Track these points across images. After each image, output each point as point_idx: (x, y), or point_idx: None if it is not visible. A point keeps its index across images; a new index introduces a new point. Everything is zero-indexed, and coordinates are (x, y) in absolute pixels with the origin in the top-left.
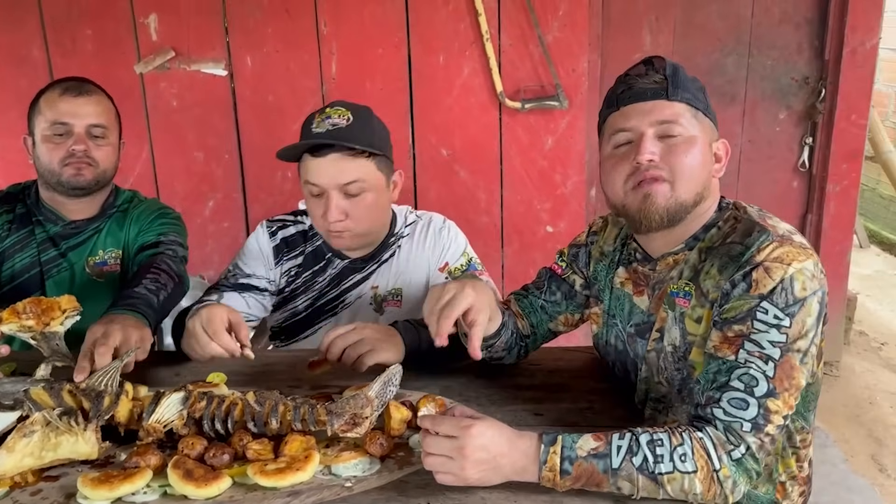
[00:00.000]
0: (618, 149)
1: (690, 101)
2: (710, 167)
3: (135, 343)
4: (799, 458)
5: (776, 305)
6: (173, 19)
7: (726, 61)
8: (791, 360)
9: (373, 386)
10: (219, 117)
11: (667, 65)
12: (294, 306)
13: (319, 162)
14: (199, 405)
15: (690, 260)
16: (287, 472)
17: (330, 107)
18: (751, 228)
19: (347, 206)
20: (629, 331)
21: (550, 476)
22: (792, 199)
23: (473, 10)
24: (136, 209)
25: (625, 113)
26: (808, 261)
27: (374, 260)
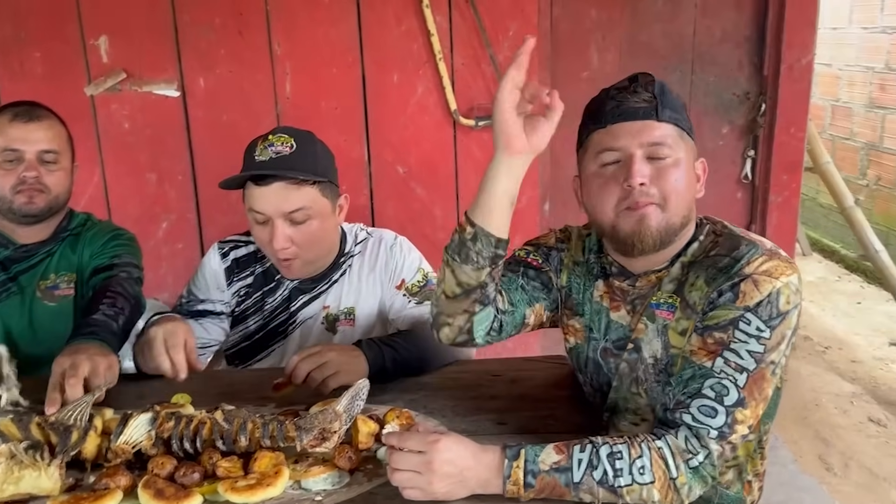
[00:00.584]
0: (605, 167)
1: (677, 122)
2: (695, 188)
3: (104, 371)
4: (763, 456)
5: (760, 317)
6: (124, 41)
7: (671, 78)
8: (764, 371)
9: (341, 401)
10: (171, 138)
11: (655, 83)
12: (245, 328)
13: (263, 191)
14: (167, 425)
15: (673, 274)
16: (258, 487)
17: (272, 134)
18: (738, 242)
19: (293, 234)
20: (606, 345)
21: (514, 490)
22: (736, 210)
23: (426, 31)
24: (90, 232)
25: (612, 132)
26: (794, 275)
27: (324, 280)
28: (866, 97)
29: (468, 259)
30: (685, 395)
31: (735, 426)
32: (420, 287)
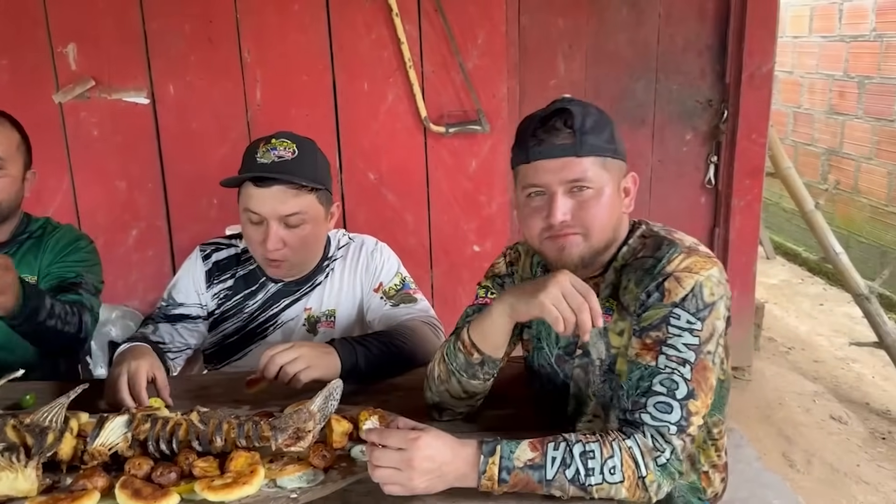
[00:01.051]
0: (530, 198)
1: (599, 153)
2: (620, 208)
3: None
4: (717, 447)
5: (688, 311)
6: (93, 49)
7: (636, 86)
8: (704, 361)
9: (315, 400)
10: (141, 146)
11: (576, 118)
12: (224, 329)
13: (262, 192)
14: (143, 427)
15: (608, 279)
16: (234, 486)
17: (275, 137)
18: (660, 242)
19: (286, 236)
20: (557, 353)
21: (489, 484)
22: (700, 215)
23: (396, 39)
24: (51, 237)
25: (535, 168)
26: (713, 268)
27: (307, 283)
28: (826, 104)
29: (475, 377)
30: (639, 394)
31: (690, 418)
32: (396, 290)
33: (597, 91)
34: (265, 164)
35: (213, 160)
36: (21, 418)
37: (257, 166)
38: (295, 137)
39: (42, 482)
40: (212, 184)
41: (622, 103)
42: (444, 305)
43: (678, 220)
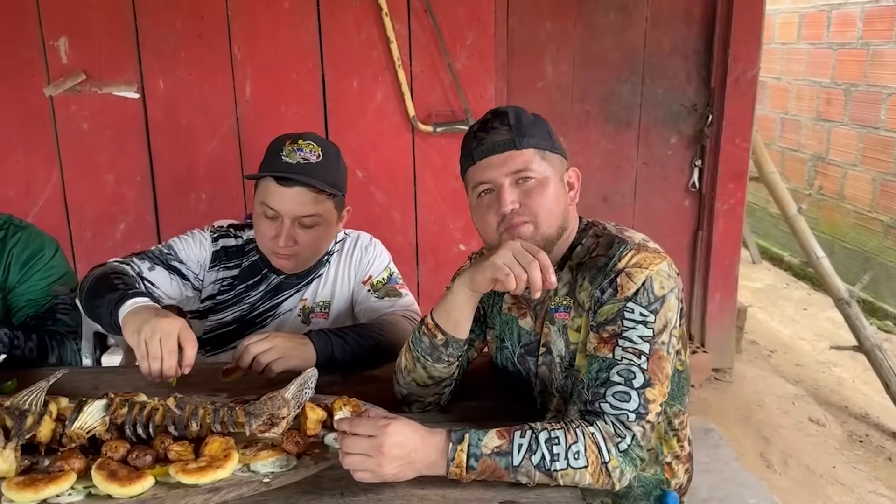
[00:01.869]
0: (481, 198)
1: (537, 145)
2: (566, 198)
3: None
4: (679, 438)
5: (640, 304)
6: (84, 42)
7: (622, 89)
8: (659, 351)
9: (289, 388)
10: (131, 140)
11: (510, 116)
12: (222, 317)
13: (284, 191)
14: (121, 411)
15: (564, 278)
16: (208, 469)
17: (302, 139)
18: (611, 241)
19: (298, 235)
20: (519, 352)
21: (457, 471)
22: (684, 217)
23: (385, 38)
24: (14, 244)
25: (481, 166)
26: (662, 263)
27: (307, 276)
28: (813, 111)
29: (440, 360)
30: (598, 385)
31: (648, 405)
32: (383, 283)
33: (583, 93)
34: (290, 164)
35: (202, 155)
36: (1, 401)
37: (282, 165)
38: (321, 141)
39: (20, 463)
40: (200, 179)
41: (608, 106)
42: (430, 303)
43: (662, 222)
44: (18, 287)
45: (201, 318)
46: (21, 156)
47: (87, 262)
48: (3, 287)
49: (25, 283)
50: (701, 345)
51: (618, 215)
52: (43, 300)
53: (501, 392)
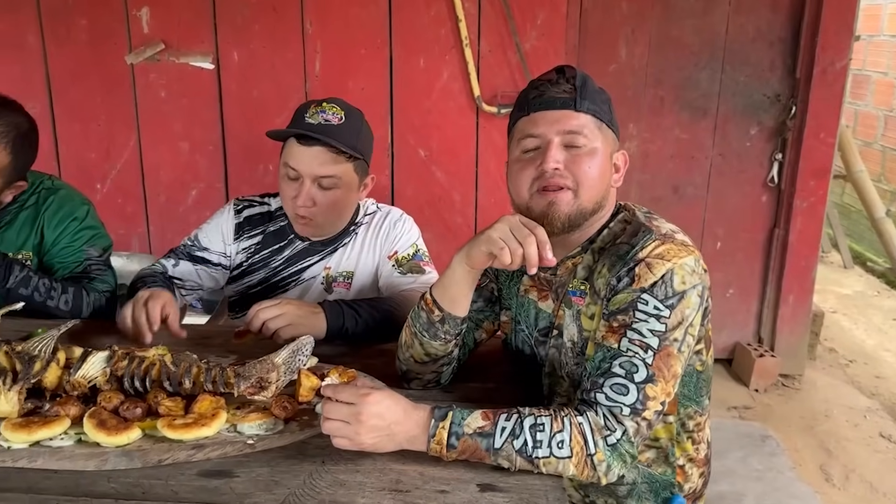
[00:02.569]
0: (525, 153)
1: (596, 113)
2: (610, 178)
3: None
4: (694, 441)
5: (656, 297)
6: (164, 12)
7: (700, 76)
8: (669, 348)
9: (280, 353)
10: (205, 110)
11: (577, 75)
12: (249, 280)
13: (304, 150)
14: (121, 364)
15: (585, 261)
16: (193, 426)
17: (327, 101)
18: (637, 229)
19: (317, 196)
20: (535, 335)
21: (437, 448)
22: (760, 214)
23: (454, 16)
24: (47, 207)
25: (534, 119)
26: (688, 257)
27: (332, 244)
28: None
29: (436, 337)
30: (598, 375)
31: (647, 402)
32: (408, 259)
33: (658, 78)
34: (311, 124)
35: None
36: (14, 345)
37: (304, 125)
38: (345, 105)
39: (25, 406)
40: (268, 150)
41: (685, 92)
42: None
43: (736, 217)
44: (52, 249)
45: (232, 283)
46: (102, 121)
47: (159, 226)
48: (38, 250)
49: (58, 245)
50: (770, 348)
51: (689, 208)
52: (75, 262)
53: (510, 375)
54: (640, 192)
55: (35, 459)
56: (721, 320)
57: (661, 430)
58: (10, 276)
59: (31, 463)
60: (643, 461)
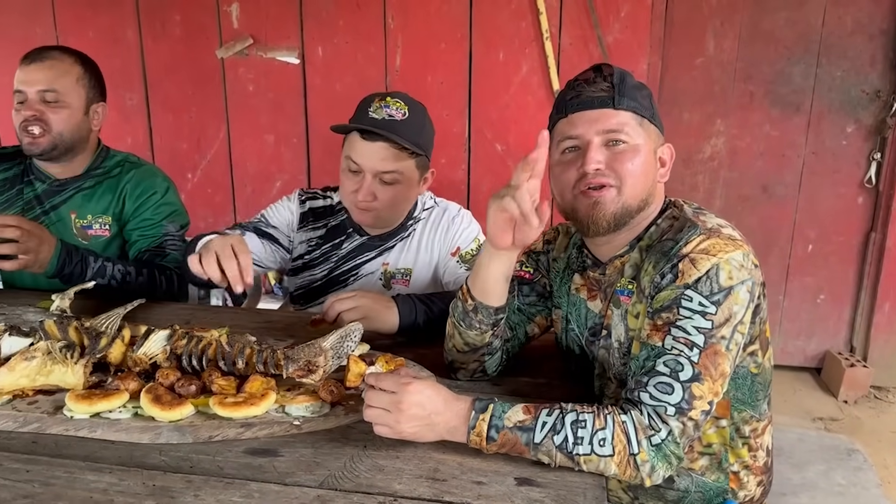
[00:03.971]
0: (565, 154)
1: (636, 110)
2: (655, 173)
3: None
4: (751, 447)
5: (701, 293)
6: (253, 8)
7: (793, 70)
8: (716, 346)
9: (328, 338)
10: (290, 103)
11: (615, 73)
12: (312, 274)
13: (367, 146)
14: (180, 343)
15: (633, 259)
16: (243, 405)
17: (390, 96)
18: (683, 225)
19: (378, 191)
20: (586, 335)
21: (477, 440)
22: (856, 216)
23: (535, 9)
24: (129, 179)
25: (572, 120)
26: (736, 252)
27: (389, 239)
28: None
29: (471, 326)
30: (642, 374)
31: (693, 401)
32: (472, 255)
33: (748, 72)
34: (375, 119)
35: None
36: (83, 321)
37: (368, 120)
38: (408, 100)
39: (90, 379)
40: None
41: (776, 87)
42: None
43: (830, 219)
44: (132, 220)
45: (294, 275)
46: (194, 113)
47: (245, 215)
48: (119, 217)
49: (138, 217)
50: (862, 358)
51: (778, 208)
52: (154, 235)
53: (562, 372)
54: (726, 190)
55: (94, 430)
56: (810, 327)
57: (713, 436)
58: (87, 269)
59: (91, 433)
60: (697, 469)
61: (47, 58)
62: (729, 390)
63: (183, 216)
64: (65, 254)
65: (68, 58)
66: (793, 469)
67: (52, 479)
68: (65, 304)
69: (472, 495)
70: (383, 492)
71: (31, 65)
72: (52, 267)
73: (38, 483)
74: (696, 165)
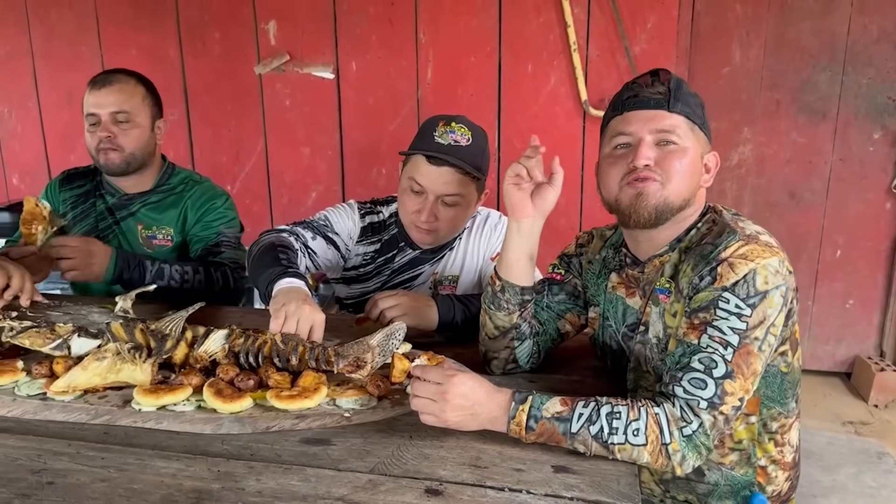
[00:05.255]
0: (616, 150)
1: (689, 115)
2: (700, 176)
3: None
4: (778, 443)
5: (738, 296)
6: (290, 26)
7: (818, 78)
8: (749, 346)
9: (375, 336)
10: (324, 117)
11: (672, 78)
12: (366, 286)
13: (432, 170)
14: (238, 341)
15: (672, 259)
16: (297, 398)
17: (455, 121)
18: (722, 230)
19: (440, 212)
20: (623, 331)
21: (517, 430)
22: (884, 222)
23: (563, 22)
24: (191, 195)
25: (627, 118)
26: (772, 258)
27: (440, 251)
28: None
29: (500, 307)
30: (677, 369)
31: (725, 397)
32: None
33: (774, 81)
34: (441, 144)
35: (386, 133)
36: (148, 324)
37: (434, 145)
38: (471, 126)
39: (156, 377)
40: (381, 154)
41: (802, 95)
42: None
43: (858, 225)
44: (193, 228)
45: (346, 284)
46: (233, 127)
47: (282, 223)
48: (181, 229)
49: (199, 224)
50: (893, 363)
51: (806, 214)
52: (211, 237)
53: (595, 370)
54: (754, 196)
55: (161, 421)
56: (840, 332)
57: (743, 432)
58: (146, 273)
59: (158, 424)
60: (727, 464)
61: (115, 81)
62: (759, 388)
63: (238, 225)
64: (122, 262)
65: (131, 79)
66: (823, 472)
67: (125, 465)
68: (127, 304)
69: (512, 481)
70: (429, 477)
71: (102, 89)
72: (110, 275)
73: (112, 468)
74: (724, 173)
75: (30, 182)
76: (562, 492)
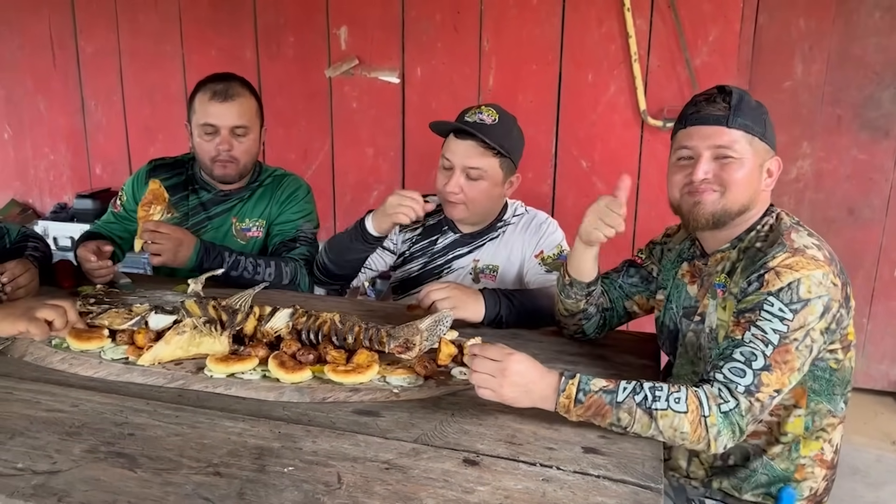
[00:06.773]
0: (680, 160)
1: (747, 129)
2: (759, 183)
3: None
4: (822, 441)
5: (782, 301)
6: (360, 31)
7: (882, 95)
8: (788, 346)
9: (425, 320)
10: (389, 119)
11: (734, 96)
12: (410, 267)
13: (457, 143)
14: (301, 320)
15: (731, 257)
16: (352, 373)
17: (485, 105)
18: (775, 240)
19: (465, 185)
20: (680, 313)
21: (566, 402)
22: None
23: (625, 33)
24: (279, 189)
25: (689, 132)
26: (817, 271)
27: (480, 237)
28: None
29: (568, 297)
30: (719, 359)
31: (762, 387)
32: (553, 259)
33: (836, 96)
34: (468, 122)
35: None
36: (219, 300)
37: (462, 122)
38: (500, 110)
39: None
40: None
41: (865, 111)
42: None
43: None
44: (277, 220)
45: (394, 269)
46: (302, 126)
47: (344, 220)
48: (269, 220)
49: (282, 216)
50: None
51: (864, 231)
52: (290, 232)
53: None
54: (812, 211)
55: (230, 387)
56: (894, 351)
57: (790, 425)
58: (224, 263)
59: (227, 390)
60: (769, 453)
61: (236, 96)
62: (806, 380)
63: (316, 218)
64: (203, 251)
65: (246, 90)
66: (867, 488)
67: (197, 423)
68: (198, 287)
69: (544, 458)
70: (468, 449)
71: (224, 103)
72: (192, 262)
73: (185, 425)
74: (782, 186)
75: (112, 172)
76: (589, 470)
